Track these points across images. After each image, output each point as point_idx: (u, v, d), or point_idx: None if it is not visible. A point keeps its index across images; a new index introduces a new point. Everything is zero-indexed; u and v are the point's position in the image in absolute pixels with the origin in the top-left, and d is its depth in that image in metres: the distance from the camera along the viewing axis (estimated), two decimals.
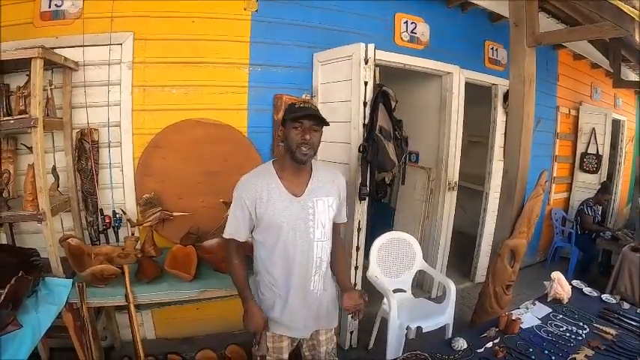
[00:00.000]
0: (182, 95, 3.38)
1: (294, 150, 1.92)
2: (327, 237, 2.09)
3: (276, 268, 2.03)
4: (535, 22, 3.46)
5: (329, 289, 2.23)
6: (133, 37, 3.19)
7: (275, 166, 2.05)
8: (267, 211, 1.95)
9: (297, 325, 2.11)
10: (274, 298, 2.08)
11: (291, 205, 1.98)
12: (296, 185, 2.02)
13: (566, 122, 6.71)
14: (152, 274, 2.73)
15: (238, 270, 2.08)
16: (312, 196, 2.03)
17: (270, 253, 2.03)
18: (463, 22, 4.72)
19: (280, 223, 1.96)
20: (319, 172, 2.10)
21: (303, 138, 1.90)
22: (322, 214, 2.04)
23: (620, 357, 2.27)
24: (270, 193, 1.96)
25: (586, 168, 6.87)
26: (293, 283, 2.04)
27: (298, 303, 2.07)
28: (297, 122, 1.91)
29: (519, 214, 3.51)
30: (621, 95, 8.28)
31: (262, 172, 2.04)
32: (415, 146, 5.00)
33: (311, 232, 2.01)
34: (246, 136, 3.55)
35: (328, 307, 2.23)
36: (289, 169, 2.01)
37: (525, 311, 2.78)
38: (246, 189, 1.98)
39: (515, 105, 3.57)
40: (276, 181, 1.99)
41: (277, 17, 3.59)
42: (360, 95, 3.11)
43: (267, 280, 2.08)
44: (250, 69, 3.55)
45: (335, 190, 2.13)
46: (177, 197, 3.33)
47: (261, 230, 2.02)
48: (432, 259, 4.74)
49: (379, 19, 4.09)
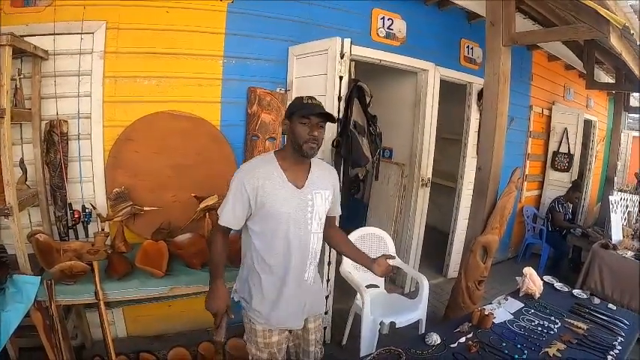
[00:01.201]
0: (154, 87, 3.31)
1: (301, 145, 1.94)
2: (321, 229, 2.13)
3: (273, 256, 2.03)
4: (511, 22, 3.50)
5: (318, 278, 2.28)
6: (105, 26, 3.10)
7: (277, 156, 2.05)
8: (268, 200, 1.95)
9: (290, 315, 2.13)
10: (269, 288, 2.07)
11: (292, 195, 1.99)
12: (297, 177, 2.04)
13: (539, 121, 6.85)
14: (122, 271, 2.67)
15: (219, 251, 2.06)
16: (312, 188, 2.05)
17: (268, 243, 2.03)
18: (440, 20, 4.75)
19: (281, 213, 1.97)
20: (317, 166, 2.13)
21: (311, 134, 1.92)
22: (320, 207, 2.08)
23: (592, 351, 2.32)
24: (272, 182, 1.97)
25: (558, 166, 7.02)
26: (290, 272, 2.06)
27: (293, 292, 2.09)
28: (306, 118, 1.92)
29: (492, 210, 3.55)
30: (593, 96, 8.47)
31: (264, 161, 2.05)
32: (389, 142, 5.02)
33: (309, 223, 2.04)
34: (219, 130, 3.50)
35: (317, 296, 2.28)
36: (291, 161, 2.02)
37: (498, 306, 2.81)
38: (247, 176, 1.96)
39: (489, 103, 3.60)
40: (278, 171, 2.00)
41: (253, 9, 3.54)
42: (335, 90, 3.10)
43: (261, 271, 2.06)
44: (225, 61, 3.50)
45: (330, 184, 2.17)
46: (148, 191, 3.26)
47: (260, 219, 2.01)
48: (406, 254, 4.78)
49: (356, 15, 4.07)
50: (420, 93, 4.60)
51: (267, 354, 2.13)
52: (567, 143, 6.98)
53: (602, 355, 2.29)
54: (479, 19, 4.70)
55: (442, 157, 6.05)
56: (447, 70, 4.73)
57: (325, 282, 3.39)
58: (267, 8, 3.59)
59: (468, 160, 5.15)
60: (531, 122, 6.61)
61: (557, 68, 7.10)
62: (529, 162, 6.77)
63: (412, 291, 4.72)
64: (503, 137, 3.65)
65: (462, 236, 4.76)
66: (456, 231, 5.34)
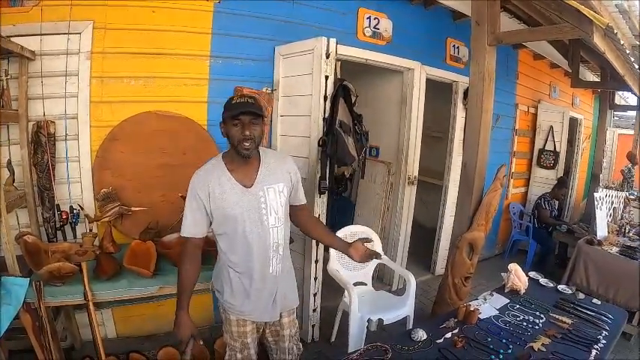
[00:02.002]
0: (141, 87, 3.30)
1: (236, 145, 1.95)
2: (281, 222, 2.13)
3: (236, 255, 2.08)
4: (496, 21, 3.53)
5: (288, 271, 2.29)
6: (92, 26, 3.09)
7: (224, 159, 2.08)
8: (220, 205, 1.99)
9: (260, 308, 2.16)
10: (235, 281, 2.11)
11: (243, 196, 2.01)
12: (246, 176, 2.05)
13: (525, 119, 6.93)
14: (111, 271, 2.67)
15: (185, 275, 2.05)
16: (263, 184, 2.06)
17: (230, 243, 2.07)
18: (426, 19, 4.79)
19: (234, 215, 2.00)
20: (267, 160, 2.13)
21: (244, 134, 1.92)
22: (274, 202, 2.08)
23: (576, 345, 2.36)
24: (222, 186, 1.99)
25: (543, 164, 7.11)
26: (254, 269, 2.08)
27: (259, 286, 2.11)
28: (236, 119, 1.92)
29: (477, 207, 3.57)
30: (579, 94, 8.56)
31: (213, 167, 2.06)
32: (376, 141, 5.07)
33: (265, 219, 2.06)
34: (205, 129, 3.51)
35: (288, 289, 2.29)
36: (238, 161, 2.03)
37: (483, 302, 2.85)
38: (198, 184, 2.00)
39: (474, 101, 3.62)
40: (226, 175, 2.02)
41: (240, 9, 3.54)
42: (321, 89, 3.12)
43: (228, 265, 2.11)
44: (211, 61, 3.51)
45: (285, 175, 2.16)
46: (135, 191, 3.27)
47: (218, 223, 2.05)
48: (393, 252, 4.81)
49: (343, 14, 4.10)
50: (406, 92, 4.63)
51: (239, 343, 2.18)
52: (553, 141, 7.06)
53: (587, 349, 2.33)
54: (464, 19, 4.74)
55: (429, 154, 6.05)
56: (433, 69, 4.77)
57: (313, 280, 3.42)
58: (254, 8, 3.60)
59: (454, 158, 5.19)
60: (517, 120, 6.69)
61: (542, 67, 7.19)
62: (515, 159, 6.85)
63: (400, 288, 4.74)
64: (488, 135, 3.68)
65: (448, 233, 4.80)
66: (442, 228, 5.39)
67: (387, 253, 4.36)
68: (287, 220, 2.21)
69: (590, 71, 8.22)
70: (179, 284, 2.06)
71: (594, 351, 2.31)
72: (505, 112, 6.24)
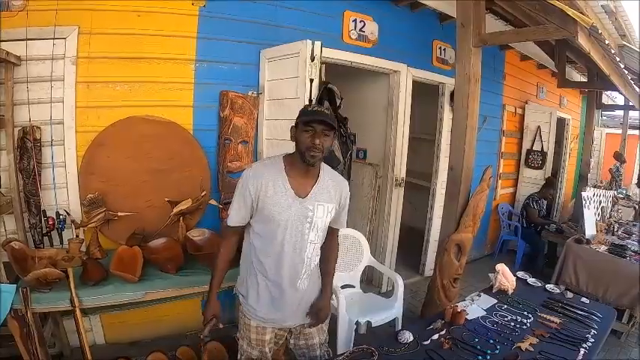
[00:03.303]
0: (127, 91, 3.29)
1: (303, 152, 1.95)
2: (320, 240, 2.14)
3: (268, 259, 2.07)
4: (481, 23, 3.55)
5: (316, 286, 2.28)
6: (77, 31, 3.07)
7: (285, 161, 2.07)
8: (268, 205, 1.98)
9: (283, 315, 2.16)
10: (263, 287, 2.11)
11: (293, 204, 2.01)
12: (302, 185, 2.04)
13: (513, 120, 6.98)
14: (97, 277, 2.66)
15: (221, 258, 2.13)
16: (315, 199, 2.05)
17: (265, 245, 2.07)
18: (412, 22, 4.81)
19: (279, 220, 2.00)
20: (326, 177, 2.13)
21: (313, 142, 1.92)
22: (320, 219, 2.08)
23: (565, 344, 2.39)
24: (275, 188, 1.99)
25: (531, 164, 7.17)
26: (283, 278, 2.08)
27: (284, 297, 2.11)
28: (309, 126, 1.93)
29: (465, 209, 3.59)
30: (566, 95, 8.64)
31: (271, 165, 2.06)
32: (363, 143, 5.08)
33: (306, 232, 2.06)
34: (191, 134, 3.49)
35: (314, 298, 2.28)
36: (298, 169, 2.03)
37: (471, 303, 2.87)
38: (252, 178, 2.00)
39: (460, 103, 3.64)
40: (283, 177, 2.02)
41: (225, 13, 3.54)
42: (306, 92, 3.11)
43: (257, 270, 2.11)
44: (197, 65, 3.50)
45: (337, 197, 2.16)
46: (122, 197, 3.25)
47: (259, 220, 2.05)
48: (382, 254, 4.83)
49: (328, 17, 4.11)
50: (392, 94, 4.66)
51: (257, 351, 2.19)
52: (541, 141, 7.12)
53: (575, 348, 2.35)
54: (450, 20, 4.75)
55: (417, 156, 6.11)
56: (419, 71, 4.79)
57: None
58: (239, 11, 3.60)
59: (441, 160, 5.21)
60: (504, 121, 6.74)
61: (529, 67, 7.25)
62: (503, 160, 6.90)
63: (389, 290, 4.74)
64: (475, 137, 3.70)
65: (437, 235, 4.79)
66: (431, 230, 5.40)
67: (375, 255, 4.37)
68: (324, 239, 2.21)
69: (577, 71, 8.29)
70: (214, 266, 2.14)
71: (583, 350, 2.34)
72: (492, 114, 6.29)
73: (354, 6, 4.26)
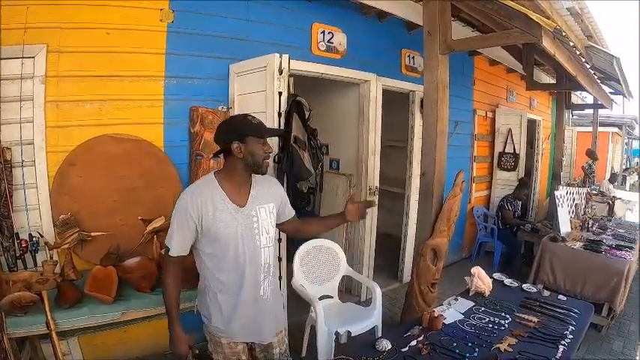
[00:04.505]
0: (97, 110, 3.24)
1: (261, 163, 2.02)
2: (271, 242, 2.16)
3: (226, 275, 2.07)
4: (448, 30, 3.60)
5: (277, 292, 2.32)
6: (46, 49, 3.02)
7: (217, 177, 2.08)
8: (214, 224, 1.98)
9: (251, 329, 2.16)
10: (225, 305, 2.09)
11: (236, 216, 2.03)
12: (239, 195, 2.07)
13: (484, 124, 7.08)
14: (72, 299, 2.62)
15: (170, 289, 2.06)
16: (255, 204, 2.09)
17: (220, 263, 2.06)
18: (380, 31, 4.86)
19: (228, 234, 2.01)
20: (258, 180, 2.15)
21: (267, 152, 2.03)
22: (265, 221, 2.12)
23: (543, 342, 2.42)
24: (215, 205, 2.00)
25: (504, 166, 7.27)
26: (244, 290, 2.08)
27: (250, 308, 2.11)
28: (262, 137, 2.00)
29: (438, 214, 3.61)
30: (536, 96, 8.83)
31: (205, 185, 2.07)
32: (336, 153, 5.14)
33: (257, 239, 2.08)
34: (162, 151, 3.46)
35: (277, 311, 2.31)
36: (234, 181, 2.06)
37: (448, 307, 2.88)
38: (191, 203, 1.98)
39: (429, 110, 3.68)
40: (220, 194, 2.03)
41: (193, 28, 3.53)
42: (275, 106, 3.12)
43: (216, 288, 2.09)
44: (166, 81, 3.47)
45: (273, 196, 2.21)
46: (95, 216, 3.20)
47: (209, 242, 2.04)
48: (359, 263, 4.83)
49: (297, 30, 4.13)
50: (362, 104, 4.69)
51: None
52: (512, 143, 7.23)
53: (554, 345, 2.39)
54: (418, 29, 4.76)
55: (391, 164, 6.18)
56: (389, 80, 4.85)
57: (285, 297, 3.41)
58: (208, 27, 3.60)
59: (414, 166, 5.25)
60: (476, 125, 6.84)
61: (499, 72, 7.39)
62: (476, 164, 6.99)
63: (368, 298, 4.70)
64: (445, 142, 3.74)
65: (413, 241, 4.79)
66: (407, 236, 5.42)
67: (353, 265, 4.38)
68: (276, 240, 2.28)
69: (546, 73, 8.48)
70: (167, 300, 2.07)
71: (562, 347, 2.38)
72: (463, 119, 6.39)
73: (323, 18, 4.29)
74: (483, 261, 6.48)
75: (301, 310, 3.71)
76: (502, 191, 7.12)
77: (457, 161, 5.75)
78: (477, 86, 6.75)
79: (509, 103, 7.76)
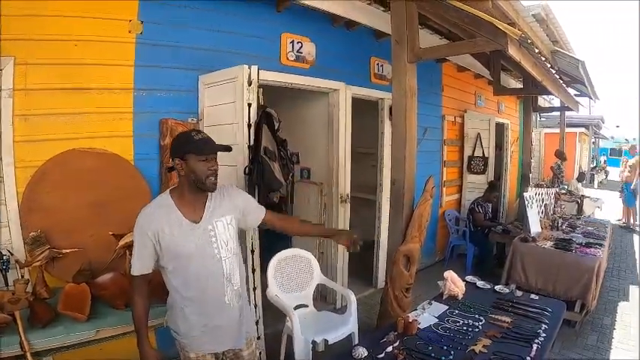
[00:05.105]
0: (66, 124, 3.17)
1: (204, 181, 1.99)
2: (233, 252, 2.16)
3: (190, 291, 2.07)
4: (415, 39, 3.65)
5: (244, 300, 2.30)
6: (13, 62, 2.94)
7: (172, 195, 2.08)
8: (171, 243, 1.99)
9: (220, 339, 2.17)
10: (192, 318, 2.10)
11: (192, 232, 2.02)
12: (194, 211, 2.07)
13: (453, 129, 7.20)
14: (46, 318, 2.55)
15: (137, 307, 2.07)
16: (212, 218, 2.09)
17: (182, 279, 2.06)
18: (349, 40, 4.91)
19: (186, 252, 2.01)
20: (215, 194, 2.15)
21: (211, 169, 1.99)
22: (223, 234, 2.11)
23: (517, 342, 2.47)
24: (170, 223, 2.00)
25: (474, 170, 7.40)
26: (209, 302, 2.09)
27: (217, 319, 2.12)
28: (203, 155, 1.97)
29: (410, 220, 3.65)
30: (504, 101, 9.01)
31: (160, 205, 2.07)
32: (306, 162, 5.14)
33: (217, 252, 2.07)
34: (132, 164, 3.42)
35: (245, 317, 2.29)
36: (188, 198, 2.06)
37: (422, 311, 2.92)
38: (146, 223, 2.00)
39: (398, 117, 3.73)
40: (174, 212, 2.03)
41: (162, 40, 3.50)
42: (244, 117, 3.13)
43: (182, 304, 2.09)
44: (135, 94, 3.42)
45: (230, 205, 2.20)
46: (66, 233, 3.12)
47: (169, 260, 2.04)
48: (333, 270, 4.84)
49: (266, 40, 4.14)
50: (332, 112, 4.73)
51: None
52: (481, 147, 7.38)
53: (528, 344, 2.44)
54: (386, 37, 4.82)
55: (362, 171, 6.24)
56: (358, 88, 4.89)
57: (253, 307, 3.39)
58: (177, 38, 3.57)
59: (385, 173, 5.29)
60: (445, 130, 6.95)
61: (467, 78, 7.54)
62: (446, 168, 7.08)
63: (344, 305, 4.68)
64: (415, 149, 3.80)
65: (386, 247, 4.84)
66: (380, 242, 5.46)
67: (327, 273, 4.40)
68: (239, 249, 2.23)
69: (513, 78, 8.66)
70: (135, 319, 2.08)
71: (535, 345, 2.43)
72: (433, 124, 6.48)
73: (292, 28, 4.32)
74: (456, 263, 6.62)
75: (277, 320, 3.70)
76: (472, 194, 7.23)
77: (427, 166, 5.84)
78: (445, 92, 6.87)
79: (477, 108, 7.91)
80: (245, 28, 3.97)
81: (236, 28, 3.91)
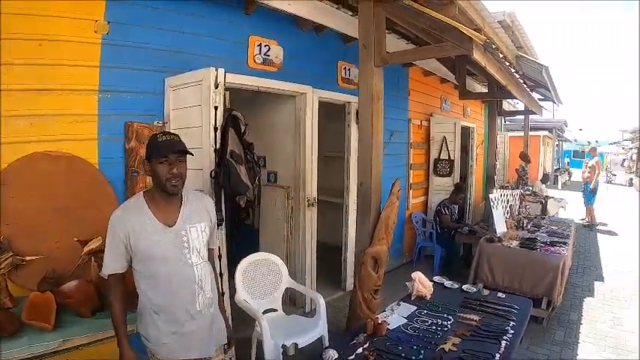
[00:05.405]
0: (28, 126, 3.05)
1: (164, 184, 1.97)
2: (203, 259, 2.14)
3: (159, 295, 2.04)
4: (382, 43, 3.69)
5: (215, 306, 2.27)
6: None
7: (146, 197, 2.06)
8: (142, 244, 1.97)
9: (190, 346, 2.13)
10: (162, 324, 2.06)
11: (165, 235, 2.01)
12: (168, 214, 2.05)
13: (419, 132, 7.31)
14: (11, 329, 2.45)
15: (114, 308, 2.06)
16: (185, 224, 2.07)
17: (151, 283, 2.04)
18: (317, 44, 4.94)
19: (156, 254, 1.99)
20: (190, 199, 2.15)
21: (171, 172, 1.95)
22: (196, 241, 2.09)
23: (486, 339, 2.53)
24: (143, 225, 1.98)
25: (440, 172, 7.51)
26: (179, 308, 2.06)
27: (187, 325, 2.08)
28: (164, 157, 1.95)
29: (377, 222, 3.68)
30: (470, 104, 9.21)
31: (133, 205, 2.06)
32: (273, 166, 5.14)
33: (188, 257, 2.05)
34: (97, 168, 3.33)
35: (216, 324, 2.27)
36: (160, 200, 2.04)
37: (391, 313, 2.95)
38: (118, 223, 1.99)
39: (365, 121, 3.76)
40: (148, 214, 2.01)
41: (129, 40, 3.43)
42: (211, 120, 3.11)
43: (152, 309, 2.06)
44: (100, 95, 3.32)
45: (206, 215, 2.20)
46: (29, 239, 3.02)
47: (139, 261, 2.02)
48: (302, 274, 4.83)
49: (233, 42, 4.12)
50: (299, 116, 4.72)
51: None
52: (447, 150, 7.49)
53: (497, 341, 2.50)
54: (354, 42, 4.84)
55: (330, 174, 6.28)
56: (325, 92, 4.92)
57: None
58: (143, 39, 3.50)
59: (352, 176, 5.32)
60: (411, 134, 7.05)
61: (433, 82, 7.67)
62: (413, 171, 7.18)
63: (313, 309, 4.71)
64: (381, 152, 3.84)
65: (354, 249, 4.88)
66: (347, 245, 5.48)
67: (295, 276, 4.39)
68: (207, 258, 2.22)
69: (479, 82, 8.87)
70: (112, 319, 2.06)
71: (504, 342, 2.49)
72: (399, 128, 6.58)
73: (259, 30, 4.30)
74: (424, 265, 6.72)
75: (247, 324, 3.69)
76: (439, 196, 7.33)
77: (394, 169, 5.93)
78: (412, 96, 6.97)
79: (443, 111, 8.07)
80: (213, 31, 3.94)
81: (204, 30, 3.88)
